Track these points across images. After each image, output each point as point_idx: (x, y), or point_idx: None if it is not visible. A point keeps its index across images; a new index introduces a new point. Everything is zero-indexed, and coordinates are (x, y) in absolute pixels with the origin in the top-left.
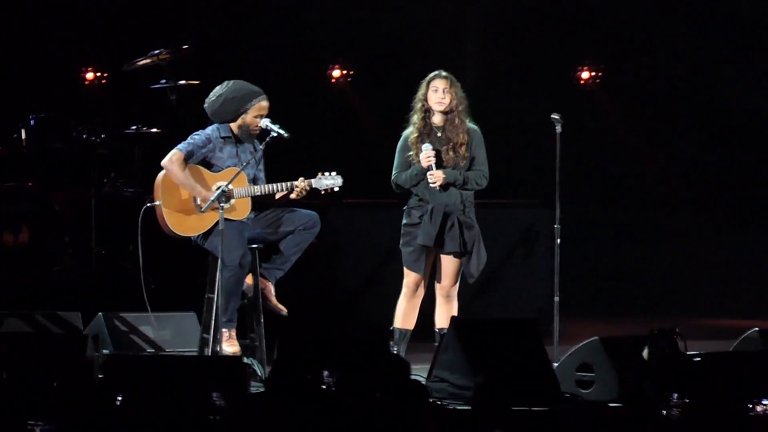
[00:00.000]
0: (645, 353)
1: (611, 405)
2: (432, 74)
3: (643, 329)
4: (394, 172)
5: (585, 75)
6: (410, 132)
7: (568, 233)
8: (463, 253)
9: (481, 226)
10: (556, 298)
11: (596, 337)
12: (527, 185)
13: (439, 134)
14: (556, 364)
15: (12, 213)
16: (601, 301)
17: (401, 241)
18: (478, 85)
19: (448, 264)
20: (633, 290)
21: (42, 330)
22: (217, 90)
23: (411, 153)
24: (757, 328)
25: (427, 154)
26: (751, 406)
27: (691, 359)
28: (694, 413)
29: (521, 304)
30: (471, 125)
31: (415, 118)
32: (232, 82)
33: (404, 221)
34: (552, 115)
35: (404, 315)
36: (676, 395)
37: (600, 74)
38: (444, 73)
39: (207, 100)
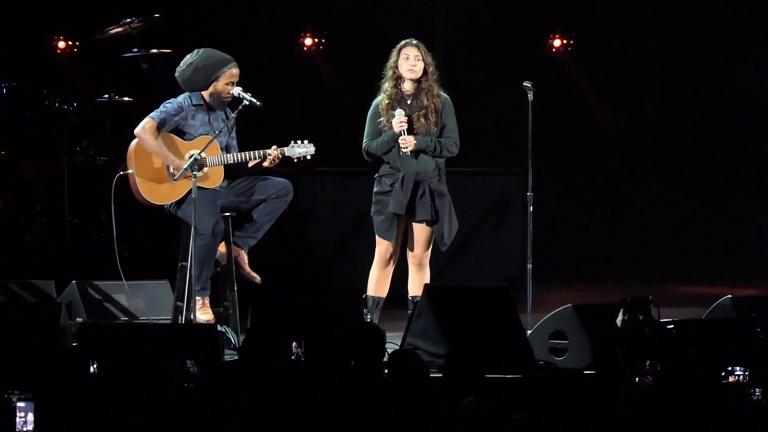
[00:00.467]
0: (618, 320)
1: (585, 372)
2: (403, 42)
3: (617, 296)
4: (365, 140)
5: (557, 43)
6: (381, 99)
7: (541, 201)
8: (434, 221)
9: (453, 194)
10: (529, 266)
11: (570, 305)
12: (499, 153)
13: (409, 102)
14: (529, 332)
15: None
16: (574, 269)
17: (372, 210)
18: (448, 53)
19: (420, 232)
20: (606, 257)
21: (15, 298)
22: (188, 58)
23: (382, 120)
24: (729, 296)
25: (399, 119)
26: (723, 373)
27: (664, 326)
28: (666, 380)
29: (494, 271)
30: (442, 93)
31: (387, 85)
32: (202, 50)
33: (375, 189)
34: (524, 83)
35: (377, 283)
36: (648, 362)
37: (571, 42)
38: (415, 41)
39: (178, 68)
